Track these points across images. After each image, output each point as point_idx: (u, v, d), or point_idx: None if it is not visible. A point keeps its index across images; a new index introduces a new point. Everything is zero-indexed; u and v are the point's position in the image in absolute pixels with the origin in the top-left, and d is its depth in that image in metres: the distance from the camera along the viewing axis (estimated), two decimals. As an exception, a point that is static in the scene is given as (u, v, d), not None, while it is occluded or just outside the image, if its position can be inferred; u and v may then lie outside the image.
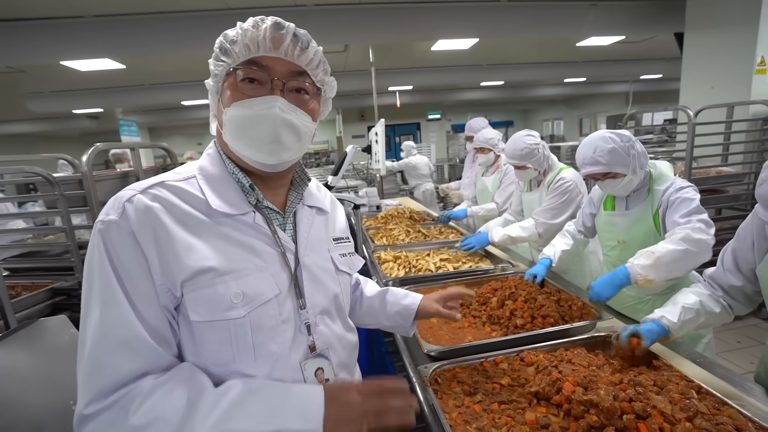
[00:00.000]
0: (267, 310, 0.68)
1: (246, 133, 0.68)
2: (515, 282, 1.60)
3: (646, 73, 9.42)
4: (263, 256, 0.70)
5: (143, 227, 0.62)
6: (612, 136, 1.45)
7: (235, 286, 0.65)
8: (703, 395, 0.91)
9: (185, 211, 0.67)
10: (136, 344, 0.60)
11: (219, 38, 0.71)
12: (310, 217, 0.82)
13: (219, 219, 0.69)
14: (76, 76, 5.77)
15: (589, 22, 4.67)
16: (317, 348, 0.74)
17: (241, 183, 0.73)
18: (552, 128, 14.98)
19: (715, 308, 1.15)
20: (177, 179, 0.70)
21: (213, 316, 0.64)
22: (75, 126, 9.82)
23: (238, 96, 0.68)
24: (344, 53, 6.26)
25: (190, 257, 0.63)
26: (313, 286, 0.76)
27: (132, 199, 0.64)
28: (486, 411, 0.92)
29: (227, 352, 0.65)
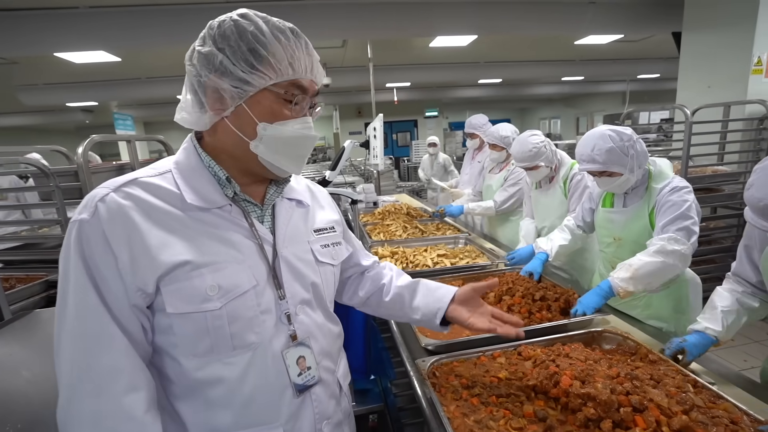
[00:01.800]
0: (244, 302, 0.70)
1: (290, 151, 0.72)
2: (512, 278, 1.61)
3: (644, 72, 9.46)
4: (240, 249, 0.71)
5: (114, 227, 0.63)
6: (612, 134, 1.44)
7: (210, 278, 0.67)
8: (699, 389, 0.92)
9: (159, 207, 0.67)
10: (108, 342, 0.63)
11: (249, 38, 0.65)
12: (290, 210, 0.83)
13: (194, 213, 0.69)
14: (70, 69, 5.70)
15: (588, 20, 4.67)
16: (298, 337, 0.76)
17: (217, 176, 0.73)
18: (549, 127, 15.01)
19: (753, 303, 1.15)
20: (152, 174, 0.70)
21: (189, 308, 0.66)
22: (69, 119, 9.70)
23: (281, 116, 0.70)
24: (342, 49, 6.22)
25: (165, 253, 0.64)
26: (292, 277, 0.77)
27: (105, 198, 0.64)
28: (484, 404, 0.92)
29: (205, 342, 0.68)
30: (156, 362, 0.70)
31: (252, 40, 0.66)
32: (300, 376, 0.76)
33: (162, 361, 0.70)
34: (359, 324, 1.86)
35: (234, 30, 0.66)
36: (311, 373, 0.77)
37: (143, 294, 0.64)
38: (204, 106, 0.70)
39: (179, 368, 0.69)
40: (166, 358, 0.69)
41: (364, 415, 2.08)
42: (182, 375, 0.69)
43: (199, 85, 0.69)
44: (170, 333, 0.67)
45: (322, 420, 0.81)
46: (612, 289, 1.35)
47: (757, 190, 0.84)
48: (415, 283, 1.03)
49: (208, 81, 0.68)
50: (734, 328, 1.13)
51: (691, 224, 1.38)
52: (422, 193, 6.32)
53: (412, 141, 9.65)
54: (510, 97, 12.72)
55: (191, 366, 0.68)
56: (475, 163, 3.44)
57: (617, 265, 1.41)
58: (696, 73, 4.00)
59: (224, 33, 0.66)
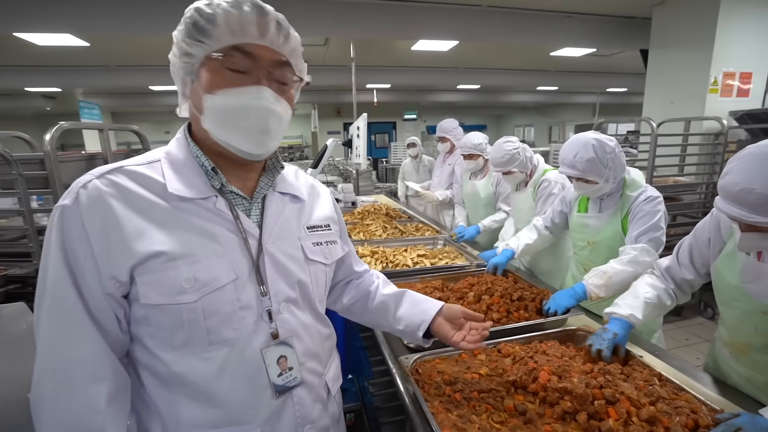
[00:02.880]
0: (221, 296, 0.67)
1: (234, 123, 0.67)
2: (491, 278, 1.65)
3: (613, 86, 9.93)
4: (222, 242, 0.69)
5: (92, 213, 0.62)
6: (595, 144, 1.50)
7: (186, 271, 0.65)
8: (664, 382, 0.99)
9: (140, 195, 0.65)
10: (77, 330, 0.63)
11: (190, 12, 0.65)
12: (281, 204, 0.80)
13: (177, 203, 0.67)
14: (32, 51, 5.36)
15: (564, 33, 4.87)
16: (280, 335, 0.73)
17: (204, 167, 0.71)
18: (523, 134, 15.48)
19: (667, 301, 1.26)
20: (139, 163, 0.69)
21: (163, 299, 0.64)
22: (27, 105, 9.10)
23: (223, 84, 0.65)
24: (324, 47, 6.19)
25: (140, 242, 0.63)
26: (277, 274, 0.74)
27: (87, 184, 0.64)
28: (466, 399, 0.95)
29: (180, 335, 0.66)
30: (134, 353, 0.69)
31: (196, 14, 0.65)
32: (280, 376, 0.73)
33: (140, 351, 0.69)
34: (339, 323, 1.85)
35: (191, 11, 0.65)
36: (293, 374, 0.74)
37: (117, 283, 0.63)
38: (183, 93, 0.71)
39: (156, 360, 0.68)
40: (143, 348, 0.68)
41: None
42: (159, 367, 0.68)
43: (174, 72, 0.70)
44: (146, 324, 0.66)
45: (305, 424, 0.77)
46: (585, 293, 1.42)
47: (734, 176, 0.87)
48: (401, 293, 1.01)
49: (176, 65, 0.69)
50: (647, 319, 1.22)
51: (661, 235, 1.48)
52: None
53: (390, 143, 9.69)
54: (487, 104, 13.04)
55: (168, 358, 0.67)
56: (446, 165, 3.52)
57: (591, 269, 1.49)
58: (660, 89, 4.26)
59: (184, 17, 0.66)
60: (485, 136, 2.80)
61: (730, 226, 1.09)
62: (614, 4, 4.49)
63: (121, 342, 0.67)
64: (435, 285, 1.70)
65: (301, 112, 12.65)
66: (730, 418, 0.80)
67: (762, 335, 1.01)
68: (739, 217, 0.86)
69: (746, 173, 0.84)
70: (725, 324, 1.14)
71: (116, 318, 0.66)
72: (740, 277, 1.02)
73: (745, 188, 0.83)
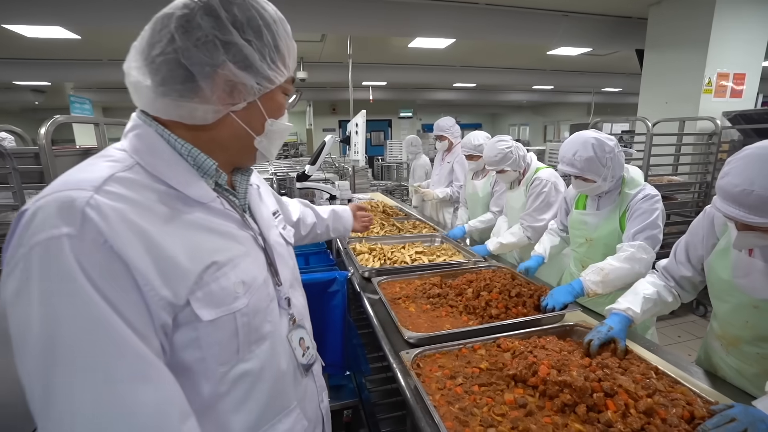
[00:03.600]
0: (261, 293, 0.69)
1: (278, 143, 0.73)
2: (489, 274, 1.66)
3: (608, 85, 10.01)
4: (242, 241, 0.69)
5: (121, 235, 0.50)
6: (595, 143, 1.52)
7: (233, 275, 0.63)
8: (660, 376, 1.01)
9: (156, 207, 0.57)
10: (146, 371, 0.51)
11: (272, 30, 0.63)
12: (256, 196, 0.82)
13: (191, 209, 0.61)
14: (21, 43, 5.26)
15: (561, 32, 4.89)
16: (296, 319, 0.79)
17: (200, 166, 0.64)
18: (518, 133, 15.57)
19: (668, 298, 1.27)
20: (121, 169, 0.56)
21: (221, 311, 0.60)
22: (15, 99, 8.89)
23: (283, 110, 0.72)
24: (321, 43, 6.15)
25: (188, 257, 0.57)
26: (281, 262, 0.78)
27: (90, 202, 0.50)
28: (467, 393, 0.96)
29: (233, 345, 0.63)
30: None
31: (274, 32, 0.63)
32: (304, 356, 0.79)
33: (182, 381, 0.57)
34: (338, 320, 1.86)
35: (256, 16, 0.61)
36: (311, 352, 0.81)
37: (173, 308, 0.55)
38: (204, 97, 0.60)
39: (204, 384, 0.60)
40: (190, 376, 0.59)
41: (339, 411, 2.08)
42: (207, 390, 0.61)
43: (204, 73, 0.58)
44: (196, 347, 0.58)
45: (321, 392, 0.87)
46: (583, 290, 1.44)
47: (733, 177, 0.88)
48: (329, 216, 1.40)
49: (221, 71, 0.59)
50: (647, 315, 1.24)
51: (658, 233, 1.51)
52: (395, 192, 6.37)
53: (386, 140, 9.68)
54: (482, 102, 13.06)
55: (217, 376, 0.61)
56: (444, 164, 3.52)
57: (589, 266, 1.51)
58: (655, 89, 4.30)
59: (248, 19, 0.60)
60: (487, 135, 2.80)
61: (723, 223, 1.12)
62: (610, 4, 4.52)
63: None
64: (433, 281, 1.71)
65: (297, 110, 12.60)
66: (725, 409, 0.82)
67: (752, 328, 1.04)
68: (737, 217, 0.87)
69: (746, 174, 0.85)
70: (717, 318, 1.17)
71: (163, 349, 0.55)
72: (732, 272, 1.05)
73: (745, 190, 0.84)
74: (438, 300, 1.54)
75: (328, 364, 1.91)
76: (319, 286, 1.81)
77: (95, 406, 0.47)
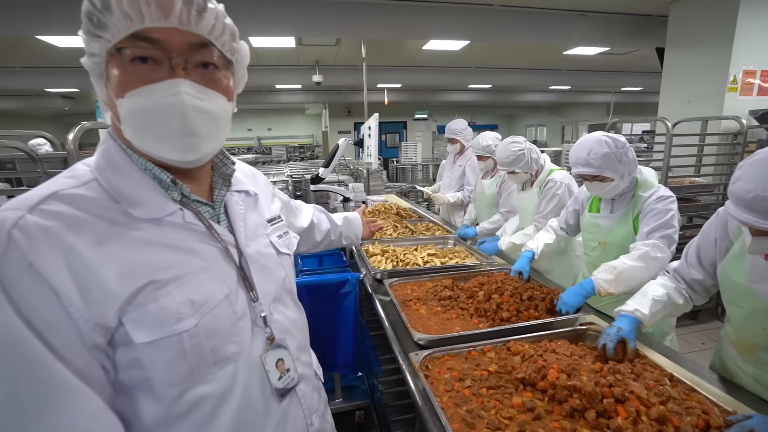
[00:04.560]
0: (219, 312, 0.63)
1: (152, 129, 0.57)
2: (501, 277, 1.65)
3: (628, 85, 9.77)
4: (203, 255, 0.64)
5: (46, 256, 0.50)
6: (608, 140, 1.50)
7: (179, 295, 0.58)
8: (675, 383, 0.99)
9: (96, 224, 0.55)
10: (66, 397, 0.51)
11: (84, 3, 0.54)
12: (241, 203, 0.76)
13: (141, 225, 0.59)
14: (52, 52, 5.52)
15: (578, 32, 4.81)
16: (276, 339, 0.72)
17: (159, 179, 0.62)
18: (535, 134, 15.33)
19: (679, 300, 1.24)
20: (73, 186, 0.56)
21: (161, 333, 0.56)
22: (46, 105, 9.33)
23: (131, 83, 0.56)
24: (335, 47, 6.22)
25: (120, 276, 0.54)
26: (262, 276, 0.72)
27: (18, 223, 0.50)
28: (475, 395, 0.96)
29: (183, 367, 0.59)
30: (122, 405, 0.58)
31: (89, 4, 0.54)
32: (280, 379, 0.71)
33: (130, 401, 0.58)
34: (349, 321, 1.88)
35: (84, 2, 0.55)
36: (290, 375, 0.73)
37: (103, 329, 0.53)
38: (104, 102, 0.62)
39: (153, 404, 0.59)
40: (137, 395, 0.58)
41: (350, 411, 2.10)
42: (158, 411, 0.59)
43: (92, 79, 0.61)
44: (138, 367, 0.56)
45: (312, 414, 0.79)
46: (594, 289, 1.41)
47: (745, 183, 0.86)
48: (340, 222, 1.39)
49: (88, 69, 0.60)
50: (658, 315, 1.21)
51: (673, 233, 1.46)
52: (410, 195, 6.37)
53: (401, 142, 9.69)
54: (498, 103, 12.93)
55: (168, 397, 0.59)
56: (456, 167, 3.49)
57: (614, 253, 1.47)
58: (677, 89, 4.18)
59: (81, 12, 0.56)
60: (497, 136, 2.79)
61: (737, 226, 1.09)
62: (629, 3, 4.42)
63: (110, 396, 0.56)
64: (445, 284, 1.71)
65: (312, 112, 12.74)
66: (743, 419, 0.79)
67: None
68: (751, 223, 0.86)
69: (758, 179, 0.84)
70: (732, 323, 1.14)
71: (104, 370, 0.55)
72: (748, 277, 1.02)
73: (758, 195, 0.83)
74: (449, 302, 1.54)
75: (339, 365, 1.93)
76: (331, 288, 1.84)
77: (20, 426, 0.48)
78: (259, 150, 12.16)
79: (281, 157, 10.55)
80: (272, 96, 10.15)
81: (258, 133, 13.13)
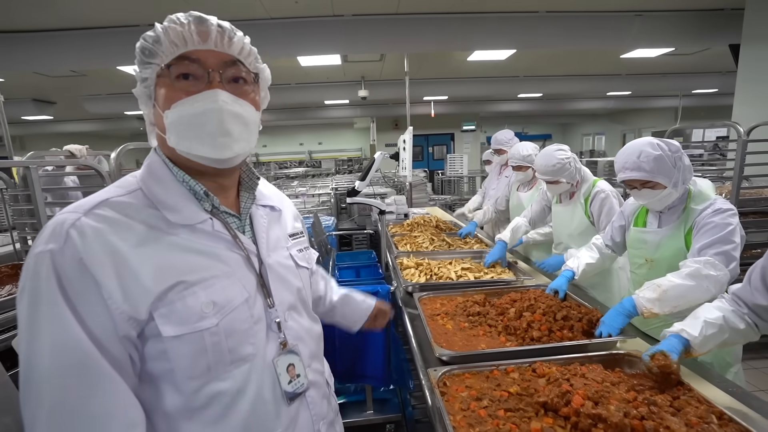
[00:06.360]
0: (239, 315, 0.69)
1: (194, 132, 0.66)
2: (535, 294, 1.57)
3: (699, 87, 8.90)
4: (227, 261, 0.71)
5: (94, 253, 0.59)
6: (660, 143, 1.39)
7: (204, 296, 0.65)
8: (725, 422, 0.86)
9: (138, 228, 0.64)
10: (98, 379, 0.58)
11: (138, 42, 0.67)
12: (266, 217, 0.83)
13: (176, 230, 0.67)
14: (130, 80, 6.22)
15: (633, 34, 4.51)
16: (288, 344, 0.77)
17: (193, 190, 0.71)
18: (593, 143, 14.43)
19: (740, 324, 1.09)
20: (120, 194, 0.67)
21: (185, 329, 0.63)
22: (125, 126, 10.52)
23: (176, 96, 0.66)
24: (380, 62, 6.39)
25: (155, 276, 0.62)
26: (279, 285, 0.78)
27: (75, 224, 0.60)
28: (491, 417, 0.92)
29: (203, 362, 0.65)
30: (146, 392, 0.65)
31: (143, 41, 0.66)
32: (290, 383, 0.75)
33: (155, 389, 0.65)
34: (379, 334, 1.88)
35: (139, 41, 0.68)
36: (300, 380, 0.78)
37: (135, 322, 0.61)
38: (150, 122, 0.73)
39: (176, 394, 0.65)
40: (161, 385, 0.65)
41: (381, 424, 2.09)
42: (178, 401, 0.65)
43: (140, 104, 0.72)
44: (164, 359, 0.64)
45: (319, 420, 0.82)
46: (636, 308, 1.29)
47: None
48: (344, 298, 1.16)
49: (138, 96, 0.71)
50: (713, 341, 1.06)
51: (732, 249, 1.30)
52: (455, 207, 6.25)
53: (447, 154, 9.60)
54: (551, 112, 12.40)
55: (189, 389, 0.65)
56: (502, 178, 3.39)
57: (664, 272, 1.34)
58: (755, 88, 3.74)
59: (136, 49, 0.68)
60: (535, 146, 2.69)
61: None
62: (693, -1, 4.07)
63: (135, 385, 0.64)
64: (476, 299, 1.65)
65: (361, 126, 13.08)
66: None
67: None
68: None
69: None
70: None
71: (131, 360, 0.63)
72: None
73: None
74: (477, 318, 1.49)
75: (368, 377, 1.94)
76: (361, 299, 1.86)
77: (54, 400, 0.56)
78: (309, 164, 12.69)
79: (330, 170, 10.92)
80: (322, 111, 10.60)
81: (309, 147, 13.71)
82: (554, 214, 2.31)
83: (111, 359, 0.59)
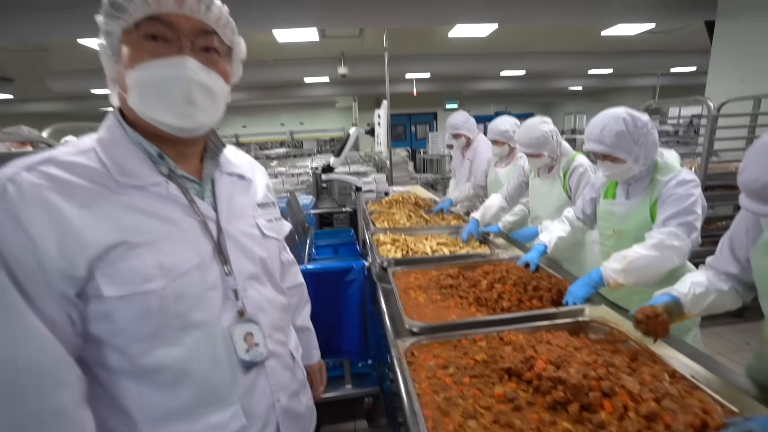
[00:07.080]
0: (189, 279, 0.68)
1: (157, 97, 0.64)
2: (507, 267, 1.59)
3: (678, 65, 9.00)
4: (180, 225, 0.69)
5: (30, 209, 0.57)
6: (627, 118, 1.38)
7: (150, 258, 0.64)
8: (676, 379, 0.90)
9: (83, 187, 0.62)
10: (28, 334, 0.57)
11: None
12: (230, 185, 0.81)
13: (126, 191, 0.65)
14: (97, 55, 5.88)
15: (612, 10, 4.48)
16: (247, 313, 0.75)
17: (147, 152, 0.69)
18: (574, 122, 14.54)
19: (723, 286, 1.12)
20: (71, 153, 0.64)
21: (129, 289, 0.62)
22: (93, 106, 9.84)
23: (143, 56, 0.63)
24: (359, 38, 6.20)
25: (95, 234, 0.60)
26: (239, 253, 0.76)
27: (14, 178, 0.58)
28: (456, 383, 0.93)
29: (149, 325, 0.64)
30: (91, 353, 0.65)
31: None
32: (247, 352, 0.74)
33: (99, 350, 0.65)
34: (354, 308, 1.89)
35: None
36: (259, 349, 0.76)
37: (72, 279, 0.59)
38: (112, 78, 0.70)
39: (121, 356, 0.65)
40: (105, 347, 0.65)
41: (360, 398, 2.12)
42: (125, 363, 0.65)
43: (102, 58, 0.69)
44: (109, 320, 0.63)
45: (279, 390, 0.82)
46: (602, 279, 1.32)
47: (751, 172, 0.81)
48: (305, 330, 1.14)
49: (101, 49, 0.68)
50: (701, 301, 1.09)
51: (694, 220, 1.33)
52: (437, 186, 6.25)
53: (429, 133, 9.54)
54: (533, 91, 12.38)
55: (135, 352, 0.65)
56: (465, 161, 3.30)
57: (631, 242, 1.37)
58: (729, 65, 3.79)
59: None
60: (515, 121, 2.65)
61: None
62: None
63: (75, 345, 0.63)
64: (450, 272, 1.67)
65: (343, 105, 12.81)
66: (743, 420, 0.71)
67: None
68: (765, 213, 0.80)
69: (763, 167, 0.78)
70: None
71: (70, 319, 0.61)
72: None
73: (766, 183, 0.76)
74: (449, 291, 1.50)
75: (344, 351, 1.95)
76: (335, 276, 1.85)
77: None
78: (291, 144, 12.42)
79: (312, 150, 10.71)
80: (302, 90, 10.30)
81: (290, 127, 13.40)
82: (532, 188, 2.31)
83: (44, 317, 0.58)
